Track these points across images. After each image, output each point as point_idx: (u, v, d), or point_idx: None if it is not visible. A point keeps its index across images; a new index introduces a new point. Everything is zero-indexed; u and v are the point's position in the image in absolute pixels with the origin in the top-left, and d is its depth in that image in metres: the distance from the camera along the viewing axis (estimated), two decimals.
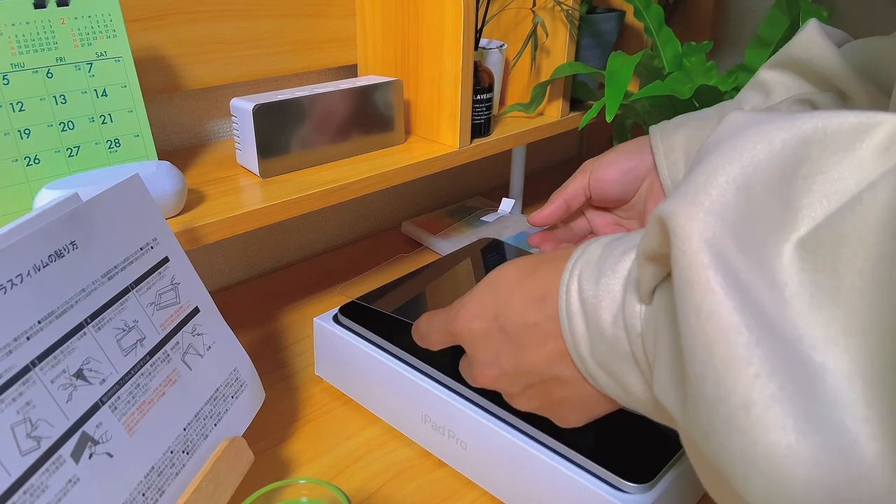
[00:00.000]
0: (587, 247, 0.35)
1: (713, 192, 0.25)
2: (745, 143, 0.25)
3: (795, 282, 0.23)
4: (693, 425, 0.25)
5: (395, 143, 0.72)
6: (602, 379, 0.34)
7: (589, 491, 0.44)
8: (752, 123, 0.26)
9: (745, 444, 0.22)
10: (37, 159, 0.52)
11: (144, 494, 0.39)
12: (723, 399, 0.23)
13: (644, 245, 0.28)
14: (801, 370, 0.22)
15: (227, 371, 0.48)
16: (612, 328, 0.32)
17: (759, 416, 0.22)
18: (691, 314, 0.24)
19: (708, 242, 0.24)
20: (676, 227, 0.25)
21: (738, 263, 0.24)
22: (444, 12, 0.66)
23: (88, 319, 0.38)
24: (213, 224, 0.55)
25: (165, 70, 0.65)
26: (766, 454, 0.21)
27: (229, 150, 0.70)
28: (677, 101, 0.67)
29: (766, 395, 0.22)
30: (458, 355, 0.44)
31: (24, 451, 0.33)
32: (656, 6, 0.74)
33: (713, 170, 0.25)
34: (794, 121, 0.25)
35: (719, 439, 0.23)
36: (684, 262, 0.24)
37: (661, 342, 0.28)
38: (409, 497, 0.51)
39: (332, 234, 0.91)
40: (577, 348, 0.34)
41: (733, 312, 0.23)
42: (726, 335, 0.23)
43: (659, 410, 0.33)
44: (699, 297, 0.24)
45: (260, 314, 0.75)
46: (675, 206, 0.25)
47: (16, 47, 0.50)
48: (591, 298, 0.33)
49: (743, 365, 0.22)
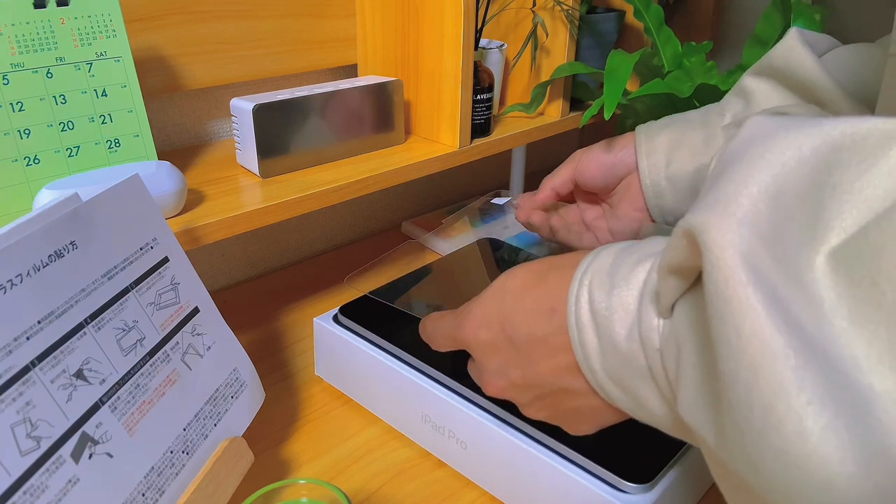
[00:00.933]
0: (597, 255, 0.34)
1: (745, 202, 0.24)
2: (773, 150, 0.24)
3: (832, 296, 0.22)
4: (735, 452, 0.24)
5: (395, 143, 0.72)
6: (614, 392, 0.33)
7: (589, 491, 0.44)
8: (778, 129, 0.25)
9: (803, 477, 0.21)
10: (37, 159, 0.52)
11: (144, 494, 0.39)
12: (774, 427, 0.21)
13: (668, 258, 0.27)
14: (850, 394, 0.21)
15: (227, 371, 0.48)
16: (627, 342, 0.31)
17: (815, 446, 0.20)
18: (731, 335, 0.23)
19: (743, 256, 0.23)
20: (709, 241, 0.24)
21: (775, 278, 0.23)
22: (444, 12, 0.66)
23: (88, 319, 0.38)
24: (213, 224, 0.55)
25: (165, 70, 0.65)
26: (828, 487, 0.20)
27: (229, 150, 0.70)
28: (677, 99, 0.67)
29: (821, 424, 0.20)
30: (458, 355, 0.44)
31: (24, 451, 0.33)
32: (656, 6, 0.74)
33: (743, 178, 0.24)
34: (822, 126, 0.24)
35: (771, 470, 0.22)
36: (720, 278, 0.23)
37: (686, 360, 0.27)
38: (409, 497, 0.51)
39: (332, 234, 0.91)
40: (587, 361, 0.33)
41: (777, 333, 0.22)
42: (773, 358, 0.21)
43: (678, 427, 0.32)
44: (739, 316, 0.22)
45: (260, 314, 0.75)
46: (705, 218, 0.24)
47: (16, 47, 0.50)
48: (603, 311, 0.32)
49: (794, 391, 0.21)
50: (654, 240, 0.33)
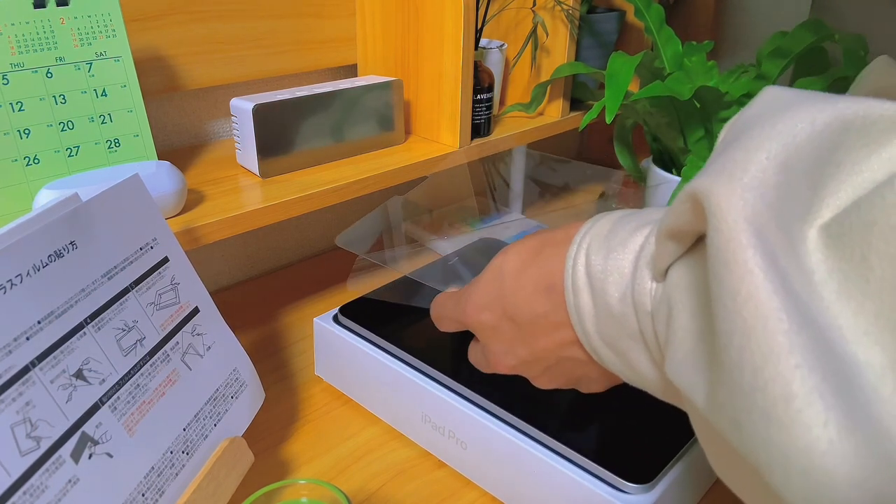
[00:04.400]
0: (596, 221, 0.35)
1: (752, 168, 0.24)
2: (786, 122, 0.24)
3: (822, 269, 0.23)
4: (723, 412, 0.24)
5: (395, 143, 0.72)
6: (607, 356, 0.34)
7: (589, 491, 0.43)
8: (793, 101, 0.25)
9: (784, 438, 0.21)
10: (36, 159, 0.52)
11: (144, 495, 0.39)
12: (761, 389, 0.22)
13: (669, 222, 0.27)
14: (837, 362, 0.21)
15: (226, 371, 0.48)
16: (620, 305, 0.31)
17: (799, 409, 0.21)
18: (727, 297, 0.23)
19: (747, 220, 0.23)
20: (713, 205, 0.24)
21: (777, 245, 0.23)
22: (444, 12, 0.66)
23: (88, 319, 0.38)
24: (213, 224, 0.55)
25: (165, 70, 0.65)
26: (807, 450, 0.21)
27: (229, 150, 0.70)
28: (678, 101, 0.67)
29: (807, 387, 0.21)
30: (458, 355, 0.44)
31: (24, 451, 0.33)
32: (657, 6, 0.74)
33: (754, 147, 0.24)
34: (837, 103, 0.24)
35: (753, 430, 0.22)
36: (721, 242, 0.23)
37: (677, 322, 0.28)
38: (409, 497, 0.51)
39: (332, 234, 0.91)
40: (581, 323, 0.34)
41: (773, 296, 0.22)
42: (766, 321, 0.22)
43: (668, 390, 0.32)
44: (737, 279, 0.23)
45: (260, 314, 0.75)
46: (711, 182, 0.24)
47: (15, 47, 0.50)
48: (598, 273, 0.32)
49: (784, 354, 0.21)
50: (652, 209, 0.34)
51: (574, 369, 0.38)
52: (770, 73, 0.70)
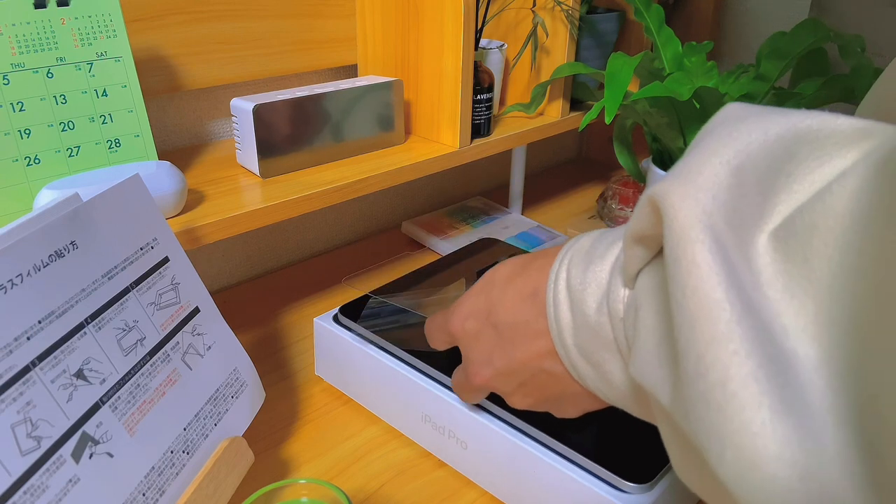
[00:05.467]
0: (578, 239, 0.35)
1: (706, 171, 0.25)
2: (741, 130, 0.26)
3: (770, 271, 0.24)
4: (678, 405, 0.25)
5: (395, 143, 0.72)
6: (584, 370, 0.34)
7: (589, 491, 0.44)
8: (750, 113, 0.26)
9: (721, 420, 0.22)
10: (37, 159, 0.52)
11: (145, 494, 0.39)
12: (702, 375, 0.23)
13: (633, 227, 0.28)
14: (776, 353, 0.22)
15: (227, 371, 0.48)
16: (597, 314, 0.32)
17: (734, 392, 0.22)
18: (678, 291, 0.24)
19: (698, 218, 0.24)
20: (667, 206, 0.25)
21: (727, 242, 0.24)
22: (444, 12, 0.66)
23: (88, 319, 0.38)
24: (213, 224, 0.55)
25: (165, 70, 0.65)
26: (740, 430, 0.22)
27: (229, 150, 0.70)
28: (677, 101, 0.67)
29: (743, 372, 0.22)
30: (458, 356, 0.44)
31: (25, 450, 0.33)
32: (657, 6, 0.74)
33: (708, 152, 0.26)
34: (792, 117, 0.25)
35: (696, 415, 0.23)
36: (673, 239, 0.24)
37: (642, 322, 0.28)
38: (409, 497, 0.51)
39: (332, 234, 0.91)
40: (560, 336, 0.34)
41: (716, 288, 0.23)
42: (709, 311, 0.23)
43: (639, 400, 0.32)
44: (685, 272, 0.24)
45: (260, 314, 0.75)
46: (667, 185, 0.25)
47: (16, 47, 0.50)
48: (577, 286, 0.33)
49: (723, 341, 0.22)
50: None
51: (549, 385, 0.38)
52: (770, 73, 0.70)
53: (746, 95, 0.72)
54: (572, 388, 0.37)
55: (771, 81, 0.71)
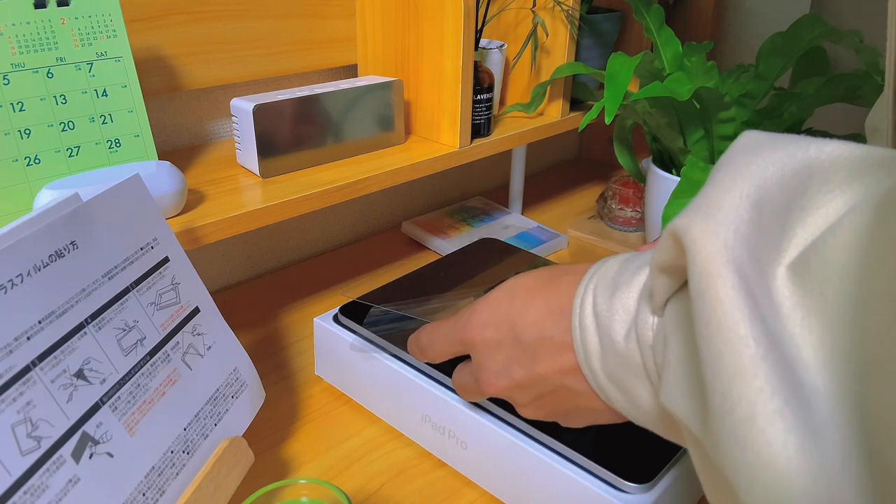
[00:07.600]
0: (603, 263, 0.35)
1: (726, 205, 0.25)
2: (759, 164, 0.26)
3: (788, 304, 0.24)
4: (707, 435, 0.25)
5: (395, 143, 0.72)
6: (612, 393, 0.34)
7: (589, 491, 0.44)
8: (766, 144, 0.27)
9: (748, 456, 0.23)
10: (37, 159, 0.52)
11: (145, 494, 0.39)
12: (728, 411, 0.23)
13: (658, 258, 0.29)
14: (799, 387, 0.22)
15: (227, 371, 0.48)
16: (625, 341, 0.32)
17: (762, 428, 0.22)
18: (703, 325, 0.24)
19: (720, 252, 0.24)
20: (689, 241, 0.25)
21: (750, 275, 0.24)
22: (444, 12, 0.66)
23: (89, 319, 0.38)
24: (213, 224, 0.55)
25: (165, 70, 0.65)
26: (768, 466, 0.22)
27: (229, 150, 0.70)
28: (677, 101, 0.67)
29: (769, 409, 0.22)
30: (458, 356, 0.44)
31: (25, 450, 0.33)
32: (657, 6, 0.74)
33: (727, 186, 0.26)
34: (808, 148, 0.26)
35: (727, 449, 0.24)
36: (696, 274, 0.25)
37: (670, 350, 0.29)
38: (409, 497, 0.51)
39: (332, 234, 0.91)
40: (588, 361, 0.34)
41: (741, 323, 0.23)
42: (733, 346, 0.23)
43: (667, 424, 0.33)
44: (710, 307, 0.24)
45: (260, 314, 0.75)
46: (688, 220, 0.26)
47: (16, 47, 0.50)
48: (604, 313, 0.33)
49: (749, 377, 0.23)
50: None
51: (567, 400, 0.38)
52: (769, 73, 0.70)
53: (746, 95, 0.72)
54: (591, 405, 0.37)
55: (771, 81, 0.71)
